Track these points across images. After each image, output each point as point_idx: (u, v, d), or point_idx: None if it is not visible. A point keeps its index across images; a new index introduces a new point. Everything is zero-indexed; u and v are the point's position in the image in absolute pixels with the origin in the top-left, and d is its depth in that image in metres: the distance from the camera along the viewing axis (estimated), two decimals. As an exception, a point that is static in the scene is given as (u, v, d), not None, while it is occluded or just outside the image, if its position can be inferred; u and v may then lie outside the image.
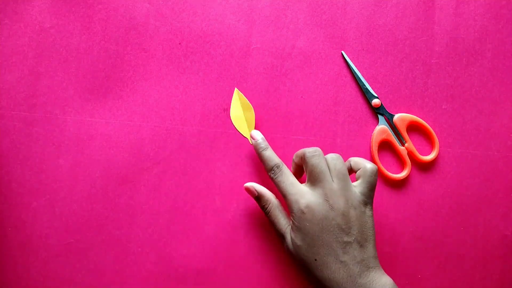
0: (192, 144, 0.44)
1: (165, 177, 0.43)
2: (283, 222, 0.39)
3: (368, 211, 0.36)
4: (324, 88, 0.44)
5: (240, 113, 0.43)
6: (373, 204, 0.44)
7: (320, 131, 0.44)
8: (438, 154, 0.44)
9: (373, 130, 0.44)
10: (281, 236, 0.39)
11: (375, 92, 0.44)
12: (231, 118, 0.42)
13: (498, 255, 0.44)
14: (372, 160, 0.44)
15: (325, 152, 0.44)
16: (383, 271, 0.36)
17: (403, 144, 0.44)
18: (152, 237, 0.43)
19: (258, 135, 0.41)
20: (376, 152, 0.44)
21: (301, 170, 0.40)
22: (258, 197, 0.40)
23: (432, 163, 0.44)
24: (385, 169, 0.44)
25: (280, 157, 0.44)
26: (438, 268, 0.44)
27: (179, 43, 0.44)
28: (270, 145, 0.41)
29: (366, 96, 0.44)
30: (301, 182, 0.38)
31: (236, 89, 0.43)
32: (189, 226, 0.43)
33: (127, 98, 0.44)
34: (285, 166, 0.39)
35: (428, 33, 0.45)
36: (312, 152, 0.37)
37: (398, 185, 0.44)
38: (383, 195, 0.44)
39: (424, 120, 0.44)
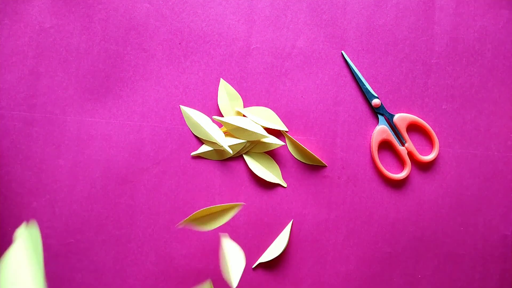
0: (192, 144, 0.44)
1: (165, 177, 0.43)
2: None
3: None
4: (324, 88, 0.44)
5: (228, 103, 0.43)
6: (374, 204, 0.44)
7: (320, 131, 0.44)
8: (438, 154, 0.44)
9: (373, 130, 0.44)
10: None
11: (375, 92, 0.44)
12: (219, 107, 0.43)
13: (498, 255, 0.44)
14: (372, 160, 0.44)
15: (325, 151, 0.44)
16: None
17: (403, 144, 0.44)
18: (152, 237, 0.43)
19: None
20: (376, 152, 0.44)
21: None
22: None
23: (432, 163, 0.44)
24: (385, 169, 0.44)
25: (279, 157, 0.44)
26: (438, 268, 0.44)
27: (179, 43, 0.44)
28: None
29: (366, 96, 0.44)
30: None
31: (221, 79, 0.44)
32: (189, 226, 0.43)
33: (127, 98, 0.44)
34: None
35: (428, 33, 0.45)
36: None
37: (398, 185, 0.44)
38: (383, 195, 0.44)
39: (424, 120, 0.44)
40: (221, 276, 0.43)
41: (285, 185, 0.44)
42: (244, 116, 0.44)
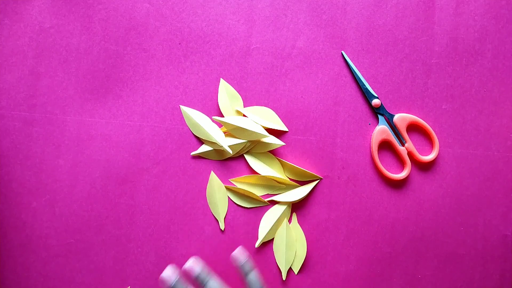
0: (192, 144, 0.44)
1: (165, 177, 0.43)
2: None
3: None
4: (324, 88, 0.44)
5: (228, 103, 0.43)
6: (374, 204, 0.44)
7: (320, 131, 0.44)
8: (438, 154, 0.44)
9: (373, 130, 0.44)
10: None
11: (375, 92, 0.44)
12: (220, 107, 0.43)
13: (498, 255, 0.44)
14: (372, 160, 0.44)
15: (325, 151, 0.44)
16: None
17: (403, 144, 0.44)
18: (152, 237, 0.43)
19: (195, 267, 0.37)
20: (376, 152, 0.44)
21: None
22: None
23: (432, 163, 0.44)
24: (385, 169, 0.44)
25: (280, 156, 0.44)
26: (438, 268, 0.44)
27: (179, 43, 0.44)
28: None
29: (366, 96, 0.44)
30: None
31: (221, 79, 0.44)
32: (189, 226, 0.43)
33: (127, 98, 0.44)
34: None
35: (428, 33, 0.45)
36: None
37: (398, 185, 0.44)
38: (383, 195, 0.44)
39: (424, 120, 0.44)
40: (220, 276, 0.43)
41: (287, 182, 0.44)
42: (244, 116, 0.44)
